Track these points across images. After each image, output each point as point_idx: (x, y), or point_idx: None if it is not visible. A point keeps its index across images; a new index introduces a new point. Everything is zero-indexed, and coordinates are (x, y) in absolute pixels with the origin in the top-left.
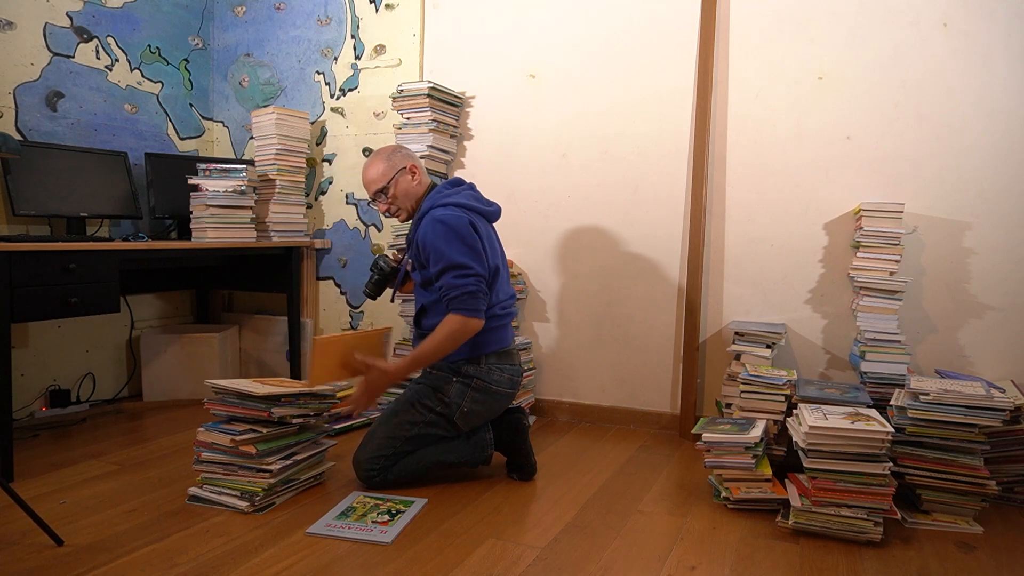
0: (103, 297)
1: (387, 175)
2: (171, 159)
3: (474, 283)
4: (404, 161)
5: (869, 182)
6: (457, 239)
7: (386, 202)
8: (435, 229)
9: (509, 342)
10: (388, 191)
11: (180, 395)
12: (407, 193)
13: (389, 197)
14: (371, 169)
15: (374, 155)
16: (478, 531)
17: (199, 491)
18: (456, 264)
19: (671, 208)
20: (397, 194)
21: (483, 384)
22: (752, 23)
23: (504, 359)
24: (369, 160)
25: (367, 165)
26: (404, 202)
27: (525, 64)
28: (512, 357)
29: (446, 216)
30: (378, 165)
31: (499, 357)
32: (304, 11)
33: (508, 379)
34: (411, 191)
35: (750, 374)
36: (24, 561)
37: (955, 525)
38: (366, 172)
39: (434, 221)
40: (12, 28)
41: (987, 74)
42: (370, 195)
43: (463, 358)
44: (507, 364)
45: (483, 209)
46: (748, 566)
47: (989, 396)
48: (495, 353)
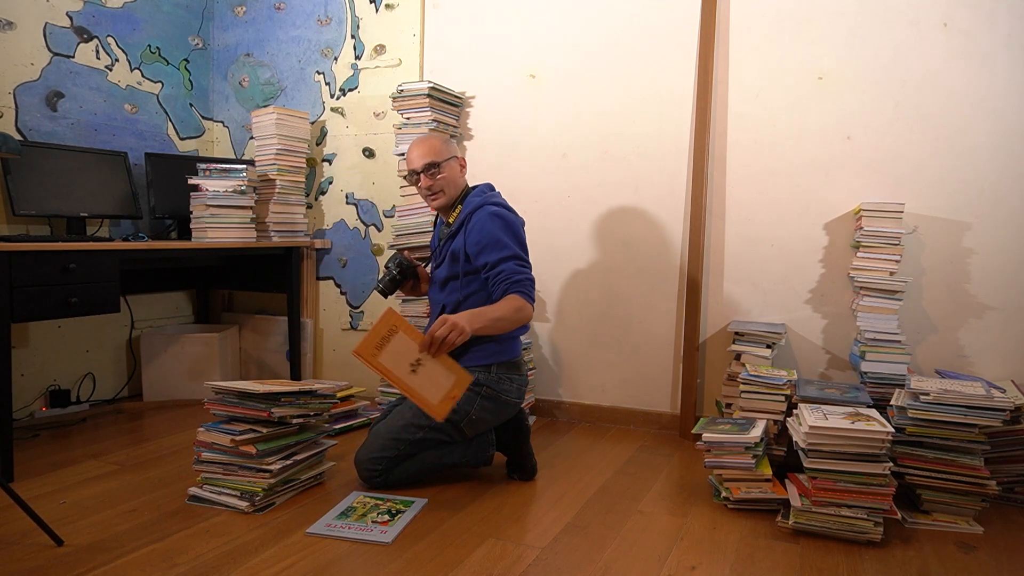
0: (103, 297)
1: (444, 153)
2: (171, 159)
3: (531, 276)
4: (456, 151)
5: (869, 182)
6: (515, 235)
7: (432, 178)
8: (494, 222)
9: (519, 353)
10: (440, 169)
11: (180, 395)
12: (453, 180)
13: (438, 175)
14: (428, 143)
15: (427, 135)
16: (478, 531)
17: (199, 491)
18: (518, 255)
19: (671, 208)
20: (445, 176)
21: (493, 393)
22: (752, 23)
23: (513, 370)
24: (422, 138)
25: (422, 139)
26: (447, 187)
27: (525, 64)
28: (520, 368)
29: (504, 213)
30: (436, 142)
31: (508, 368)
32: (304, 11)
33: (517, 389)
34: (456, 180)
35: (750, 374)
36: (24, 561)
37: (955, 525)
38: (421, 144)
39: (492, 215)
40: (12, 28)
41: (987, 74)
42: (419, 167)
43: (475, 364)
44: (516, 375)
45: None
46: (748, 566)
47: (989, 396)
48: (505, 363)
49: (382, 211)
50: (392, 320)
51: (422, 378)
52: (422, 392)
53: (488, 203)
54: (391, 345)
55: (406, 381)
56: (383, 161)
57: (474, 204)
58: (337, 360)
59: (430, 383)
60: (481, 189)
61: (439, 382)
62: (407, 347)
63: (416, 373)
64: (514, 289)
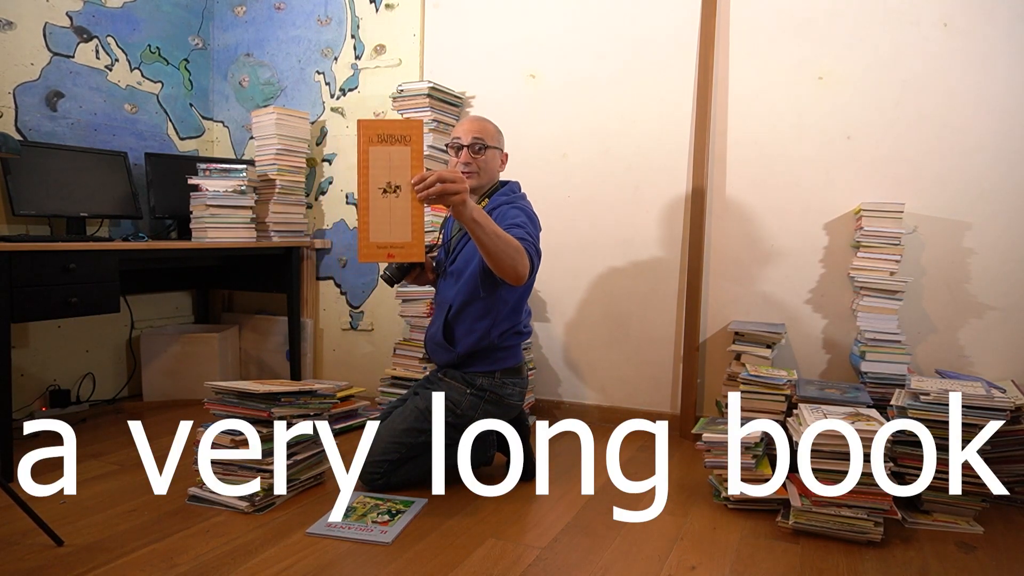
0: (103, 297)
1: (494, 139)
2: (171, 159)
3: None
4: (504, 144)
5: (869, 182)
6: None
7: (473, 156)
8: (515, 211)
9: (521, 359)
10: (485, 150)
11: (180, 395)
12: (491, 167)
13: (482, 155)
14: (483, 123)
15: (484, 117)
16: (478, 531)
17: (199, 491)
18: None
19: (671, 208)
20: (486, 160)
21: (496, 397)
22: (752, 23)
23: (515, 375)
24: (480, 116)
25: (475, 117)
26: (483, 171)
27: (525, 64)
28: (521, 372)
29: (528, 209)
30: (490, 126)
31: (511, 373)
32: (304, 11)
33: (519, 393)
34: (494, 170)
35: (750, 374)
36: (24, 561)
37: (955, 525)
38: (476, 120)
39: (518, 209)
40: (12, 28)
41: (987, 74)
42: (467, 140)
43: (479, 371)
44: (517, 379)
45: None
46: (748, 566)
47: (989, 396)
48: (508, 369)
49: None
50: (412, 131)
51: (383, 207)
52: (372, 220)
53: (514, 203)
54: (390, 150)
55: (369, 196)
56: None
57: (500, 203)
58: (337, 360)
59: (386, 220)
60: (512, 187)
61: (393, 228)
62: (400, 165)
63: (384, 197)
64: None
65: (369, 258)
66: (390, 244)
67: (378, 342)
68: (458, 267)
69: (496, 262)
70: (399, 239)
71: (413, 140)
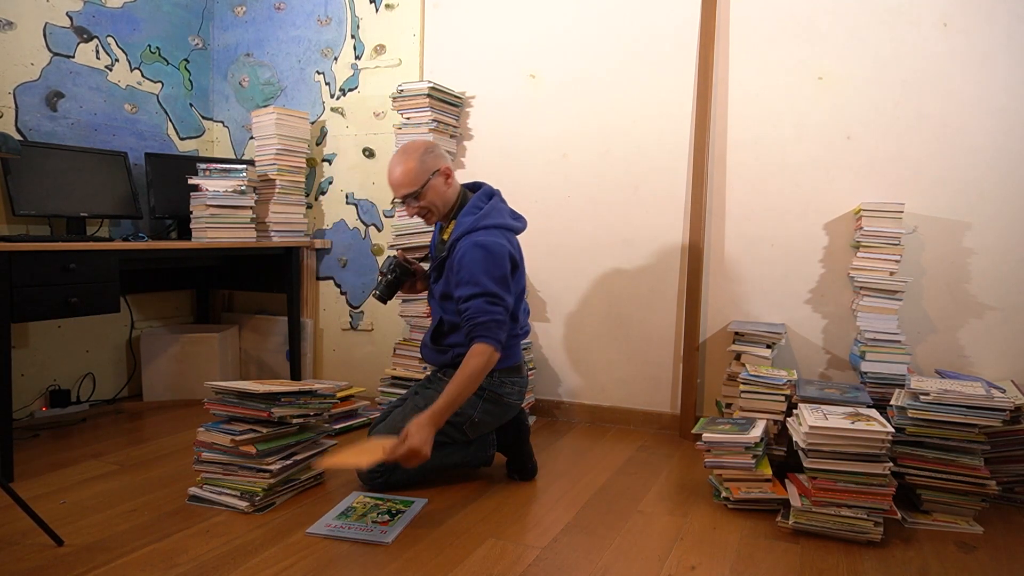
0: (103, 297)
1: (420, 178)
2: (171, 159)
3: (502, 313)
4: (438, 163)
5: (869, 182)
6: (495, 267)
7: (415, 206)
8: (474, 254)
9: (520, 359)
10: (421, 196)
11: (180, 395)
12: (439, 197)
13: (421, 202)
14: (401, 169)
15: (405, 153)
16: (478, 531)
17: (199, 491)
18: (489, 292)
19: (671, 208)
20: (430, 199)
21: (495, 396)
22: (752, 23)
23: (514, 373)
24: (399, 157)
25: (396, 163)
26: (435, 204)
27: (525, 64)
28: (520, 371)
29: (489, 243)
30: (411, 164)
31: (510, 372)
32: (304, 11)
33: (518, 391)
34: (444, 196)
35: (750, 374)
36: (24, 561)
37: (955, 525)
38: (395, 171)
39: (475, 245)
40: (12, 28)
41: (987, 74)
42: (399, 198)
43: None
44: (517, 378)
45: (516, 226)
46: (748, 566)
47: (989, 396)
48: (507, 369)
49: (382, 211)
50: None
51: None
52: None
53: (478, 228)
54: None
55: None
56: (383, 161)
57: (464, 227)
58: (337, 360)
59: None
60: (476, 202)
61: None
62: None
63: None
64: (478, 333)
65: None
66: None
67: (378, 342)
68: (439, 288)
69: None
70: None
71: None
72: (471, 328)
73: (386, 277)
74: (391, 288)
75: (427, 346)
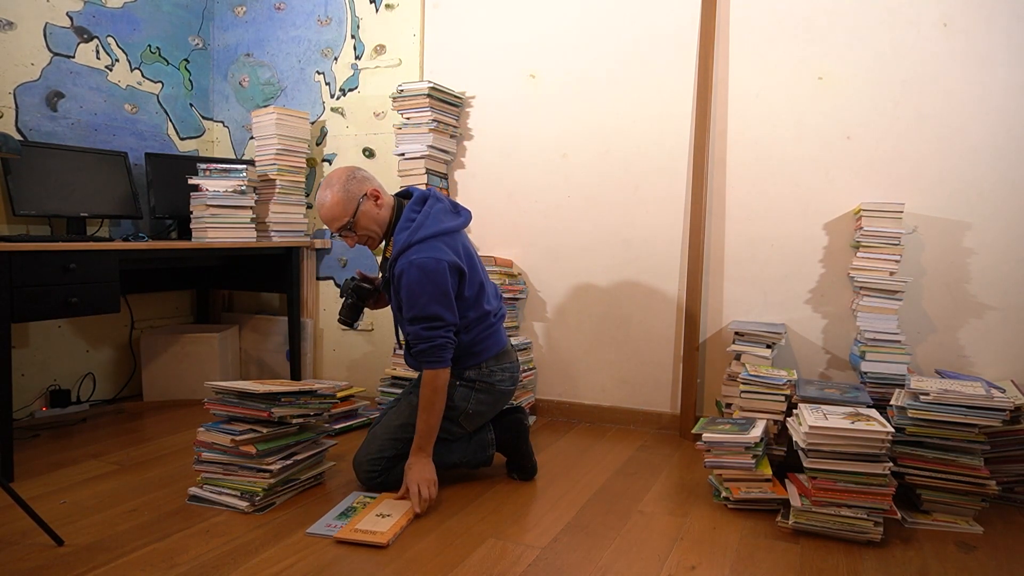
0: (103, 297)
1: (349, 209)
2: (171, 159)
3: (442, 335)
4: (363, 187)
5: (869, 182)
6: (432, 287)
7: (354, 237)
8: (410, 275)
9: (505, 343)
10: (354, 222)
11: (180, 395)
12: (373, 221)
13: (358, 232)
14: (329, 204)
15: (327, 185)
16: (478, 531)
17: (199, 491)
18: (428, 315)
19: (671, 208)
20: (364, 225)
21: (487, 385)
22: (752, 23)
23: (503, 359)
24: (323, 192)
25: (322, 198)
26: (371, 229)
27: (525, 64)
28: (510, 355)
29: (425, 262)
30: (335, 198)
31: (498, 359)
32: (304, 11)
33: (510, 376)
34: (378, 218)
35: (750, 374)
36: (24, 561)
37: (955, 525)
38: (323, 207)
39: (411, 265)
40: (12, 28)
41: (987, 74)
42: (335, 232)
43: (465, 366)
44: (506, 363)
45: (454, 227)
46: (748, 566)
47: (989, 396)
48: (494, 356)
49: None
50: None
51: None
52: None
53: (413, 243)
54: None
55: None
56: (383, 161)
57: (400, 244)
58: (337, 360)
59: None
60: (409, 213)
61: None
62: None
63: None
64: (421, 359)
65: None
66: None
67: (378, 342)
68: (396, 306)
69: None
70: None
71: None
72: (416, 355)
73: (346, 301)
74: (354, 311)
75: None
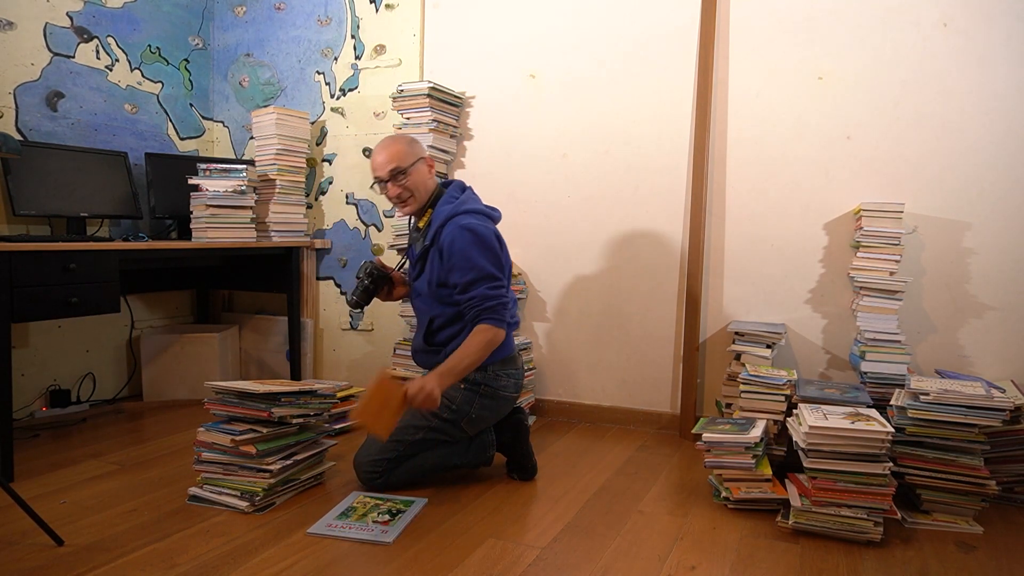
0: (103, 297)
1: (407, 159)
2: (171, 159)
3: (504, 295)
4: (423, 151)
5: (869, 182)
6: (488, 249)
7: (400, 185)
8: (464, 237)
9: (513, 349)
10: (407, 174)
11: (180, 395)
12: (421, 183)
13: (405, 181)
14: (391, 148)
15: (391, 138)
16: (478, 531)
17: (199, 491)
18: (490, 275)
19: (671, 208)
20: (413, 181)
21: (491, 390)
22: (752, 23)
23: (509, 365)
24: (386, 141)
25: (384, 145)
26: (416, 189)
27: (525, 64)
28: (515, 362)
29: (475, 225)
30: (400, 146)
31: (504, 364)
32: (304, 11)
33: (514, 384)
34: (426, 183)
35: (750, 374)
36: (24, 561)
37: (955, 525)
38: (383, 150)
39: (462, 229)
40: (12, 28)
41: (987, 74)
42: (384, 175)
43: None
44: (512, 369)
45: (492, 215)
46: (748, 566)
47: (989, 396)
48: (501, 360)
49: (382, 211)
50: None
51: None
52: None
53: (459, 212)
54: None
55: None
56: None
57: (444, 214)
58: (337, 360)
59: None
60: (452, 193)
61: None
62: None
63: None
64: (485, 317)
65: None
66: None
67: (378, 342)
68: (420, 285)
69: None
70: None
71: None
72: (478, 313)
73: (363, 282)
74: (368, 294)
75: (419, 350)
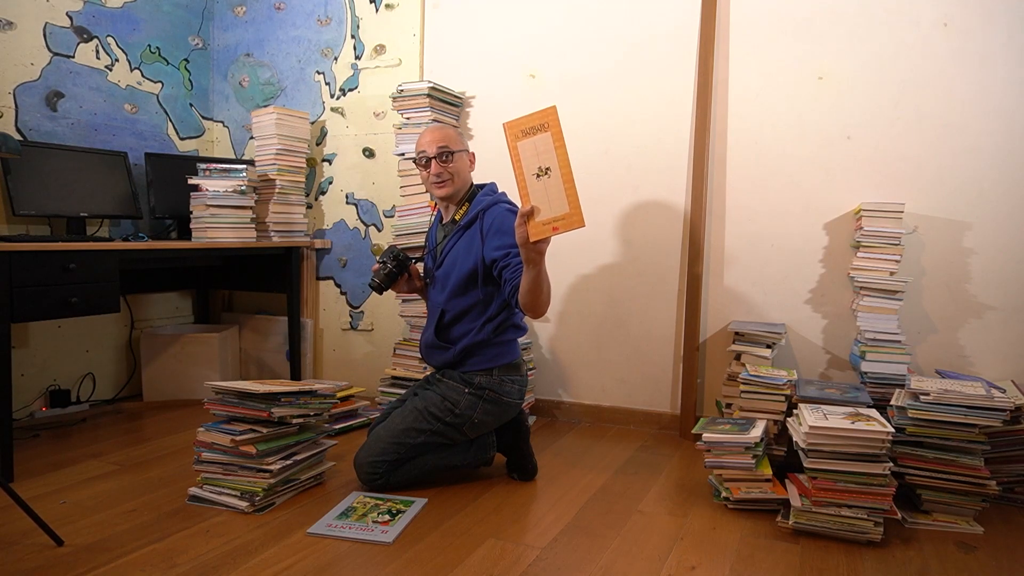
0: (103, 297)
1: (458, 143)
2: (171, 159)
3: None
4: (469, 147)
5: (869, 182)
6: None
7: (443, 165)
8: (509, 215)
9: (518, 355)
10: (452, 158)
11: (180, 395)
12: (462, 172)
13: (450, 165)
14: (444, 130)
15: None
16: (478, 531)
17: (199, 491)
18: None
19: (671, 208)
20: (456, 167)
21: (495, 396)
22: (752, 23)
23: (514, 371)
24: (437, 125)
25: (436, 127)
26: (457, 176)
27: (525, 64)
28: (520, 369)
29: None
30: (451, 132)
31: (509, 370)
32: (304, 11)
33: (518, 390)
34: (465, 173)
35: (750, 374)
36: (24, 561)
37: (955, 525)
38: (435, 130)
39: (507, 210)
40: (12, 28)
41: (987, 74)
42: (432, 151)
43: (477, 369)
44: (516, 376)
45: None
46: (748, 566)
47: (989, 396)
48: (506, 366)
49: (382, 211)
50: (548, 118)
51: (540, 189)
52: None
53: (501, 201)
54: (534, 140)
55: (526, 183)
56: (383, 161)
57: (486, 202)
58: (337, 360)
59: (544, 199)
60: (491, 187)
61: (552, 204)
62: (546, 150)
63: (538, 181)
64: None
65: (538, 236)
66: (552, 219)
67: (378, 342)
68: (444, 272)
69: (534, 300)
70: (559, 212)
71: (551, 125)
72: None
73: (387, 266)
74: (390, 279)
75: (429, 345)
